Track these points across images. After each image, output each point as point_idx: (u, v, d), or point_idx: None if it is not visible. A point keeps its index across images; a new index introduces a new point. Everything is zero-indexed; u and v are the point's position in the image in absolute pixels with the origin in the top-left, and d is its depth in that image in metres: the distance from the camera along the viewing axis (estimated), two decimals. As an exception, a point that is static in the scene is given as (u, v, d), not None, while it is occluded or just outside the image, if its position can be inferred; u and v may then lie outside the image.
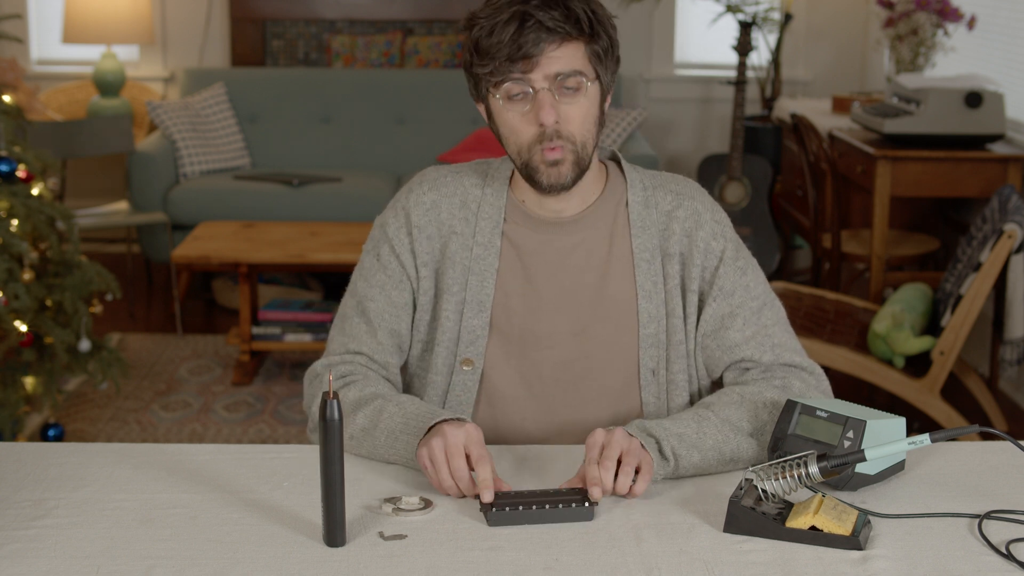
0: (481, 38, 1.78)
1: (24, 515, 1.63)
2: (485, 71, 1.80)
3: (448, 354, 1.93)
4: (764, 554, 1.55)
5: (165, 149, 5.69)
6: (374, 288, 1.94)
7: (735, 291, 1.92)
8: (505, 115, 1.83)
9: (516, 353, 1.93)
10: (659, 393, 1.93)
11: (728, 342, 1.92)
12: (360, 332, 1.94)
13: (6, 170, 3.50)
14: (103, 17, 5.94)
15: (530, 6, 1.75)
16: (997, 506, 1.67)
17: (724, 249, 1.93)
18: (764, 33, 6.01)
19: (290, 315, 4.75)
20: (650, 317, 1.92)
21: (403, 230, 1.94)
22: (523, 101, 1.80)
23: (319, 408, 1.54)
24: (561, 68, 1.78)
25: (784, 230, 5.74)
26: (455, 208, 1.94)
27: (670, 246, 1.93)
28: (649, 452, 1.70)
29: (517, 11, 1.75)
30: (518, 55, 1.76)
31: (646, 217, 1.93)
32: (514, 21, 1.75)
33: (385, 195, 5.58)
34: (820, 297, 4.27)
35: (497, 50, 1.77)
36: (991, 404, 4.06)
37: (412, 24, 6.50)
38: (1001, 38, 4.93)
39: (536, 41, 1.75)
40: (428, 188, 1.95)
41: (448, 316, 1.92)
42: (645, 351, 1.92)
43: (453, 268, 1.92)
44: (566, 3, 1.77)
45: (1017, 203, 3.73)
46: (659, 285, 1.92)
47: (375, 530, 1.60)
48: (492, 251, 1.92)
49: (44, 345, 3.64)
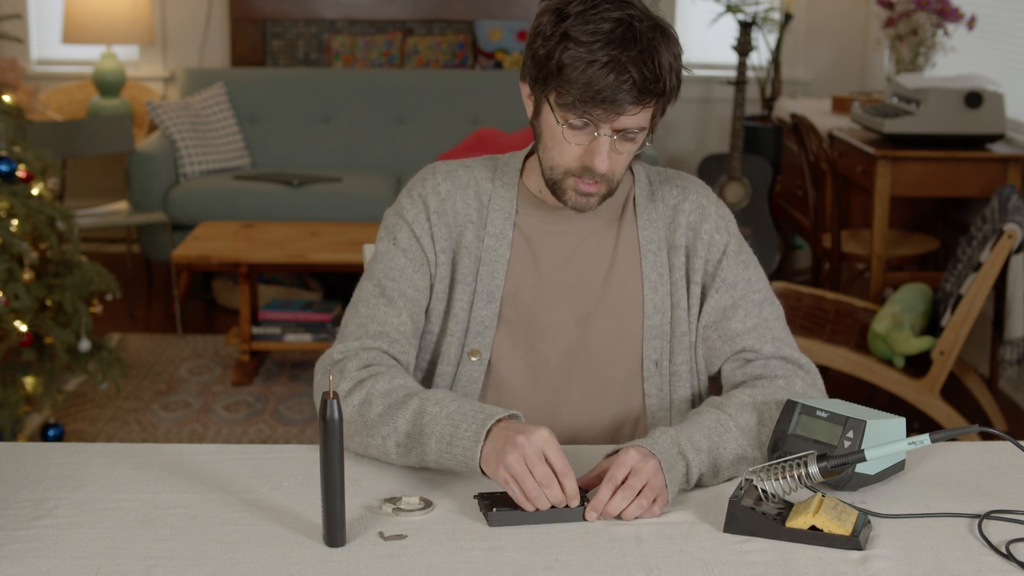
0: (574, 65, 1.74)
1: (24, 515, 1.63)
2: (562, 99, 1.77)
3: (457, 344, 1.93)
4: (764, 554, 1.55)
5: (165, 149, 5.69)
6: (394, 270, 1.91)
7: (737, 283, 1.93)
8: (556, 130, 1.81)
9: (523, 344, 1.93)
10: (662, 385, 1.94)
11: (729, 332, 1.92)
12: (380, 313, 1.88)
13: (6, 170, 3.50)
14: (103, 17, 5.94)
15: (628, 57, 1.73)
16: (997, 506, 1.67)
17: (728, 242, 1.95)
18: (764, 33, 6.01)
19: (290, 315, 4.75)
20: (655, 308, 1.93)
21: (422, 215, 1.93)
22: (582, 133, 1.79)
23: (319, 408, 1.54)
24: (631, 125, 1.78)
25: (784, 230, 5.74)
26: (469, 199, 1.95)
27: (676, 238, 1.95)
28: (669, 489, 1.67)
29: (615, 59, 1.72)
30: (600, 105, 1.74)
31: (652, 210, 1.96)
32: (611, 70, 1.72)
33: (385, 195, 5.58)
34: (820, 297, 4.27)
35: (583, 89, 1.74)
36: (991, 404, 4.06)
37: (412, 24, 6.50)
38: (1001, 38, 4.93)
39: (624, 101, 1.74)
40: (442, 179, 1.95)
41: (460, 306, 1.92)
42: (649, 342, 1.93)
43: (468, 257, 1.93)
44: (658, 60, 1.75)
45: (1017, 203, 3.73)
46: (664, 276, 1.94)
47: (375, 530, 1.60)
48: (504, 242, 1.93)
49: (44, 345, 3.63)
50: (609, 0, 1.77)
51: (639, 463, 1.66)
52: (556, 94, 1.78)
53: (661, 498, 1.66)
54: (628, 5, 1.78)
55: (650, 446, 1.69)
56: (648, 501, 1.64)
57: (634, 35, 1.74)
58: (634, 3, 1.79)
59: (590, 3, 1.77)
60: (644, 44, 1.75)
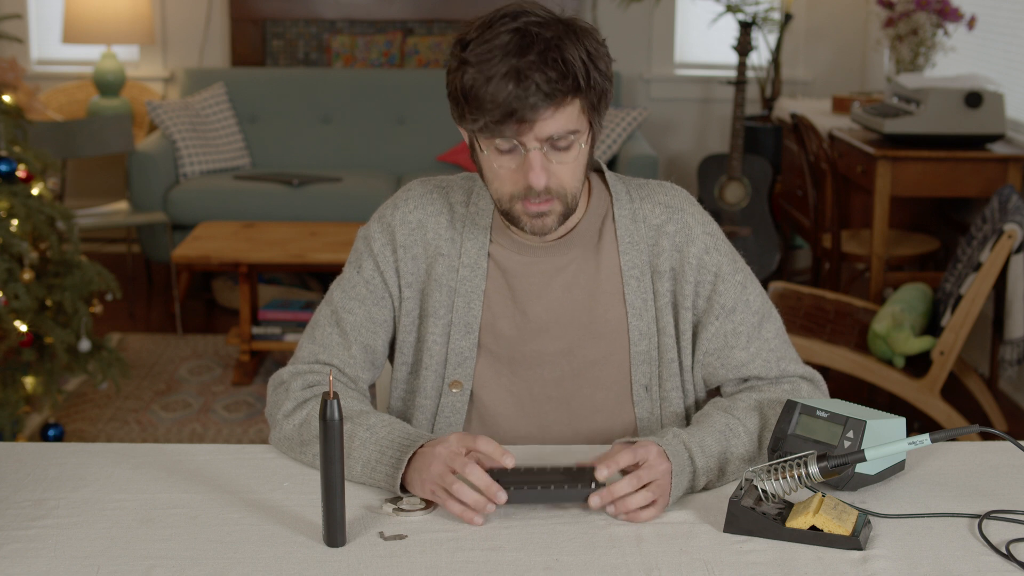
0: (474, 87, 1.68)
1: (24, 515, 1.63)
2: (475, 125, 1.71)
3: (436, 377, 1.90)
4: (764, 554, 1.55)
5: (165, 149, 5.69)
6: (353, 301, 1.90)
7: (736, 308, 1.88)
8: (490, 163, 1.75)
9: (506, 372, 1.90)
10: (652, 408, 1.90)
11: (733, 361, 1.88)
12: (332, 343, 1.89)
13: (6, 170, 3.50)
14: (103, 17, 5.94)
15: (525, 62, 1.66)
16: (997, 506, 1.67)
17: (720, 264, 1.89)
18: (764, 33, 6.01)
19: (290, 315, 4.75)
20: (641, 334, 1.88)
21: (388, 247, 1.90)
22: (512, 155, 1.72)
23: (319, 408, 1.54)
24: (555, 131, 1.70)
25: (784, 230, 5.74)
26: (441, 228, 1.90)
27: (660, 263, 1.89)
28: (672, 493, 1.66)
29: (513, 68, 1.66)
30: (511, 119, 1.67)
31: (634, 232, 1.89)
32: (509, 80, 1.65)
33: (385, 195, 5.57)
34: (820, 297, 4.27)
35: (490, 108, 1.67)
36: (991, 404, 4.06)
37: (412, 24, 6.50)
38: (1001, 38, 4.93)
39: (532, 107, 1.66)
40: (414, 206, 1.91)
41: (435, 339, 1.89)
42: (637, 368, 1.89)
43: (439, 290, 1.88)
44: (563, 56, 1.67)
45: (1017, 203, 3.73)
46: (649, 302, 1.88)
47: (375, 530, 1.60)
48: (479, 272, 1.88)
49: (44, 345, 3.63)
50: (507, 15, 1.71)
51: (654, 461, 1.65)
52: (472, 122, 1.71)
53: (660, 503, 1.65)
54: (526, 14, 1.71)
55: (665, 447, 1.69)
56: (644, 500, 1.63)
57: (531, 40, 1.68)
58: (533, 11, 1.71)
59: (487, 23, 1.72)
60: (543, 46, 1.67)
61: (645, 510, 1.64)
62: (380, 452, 1.72)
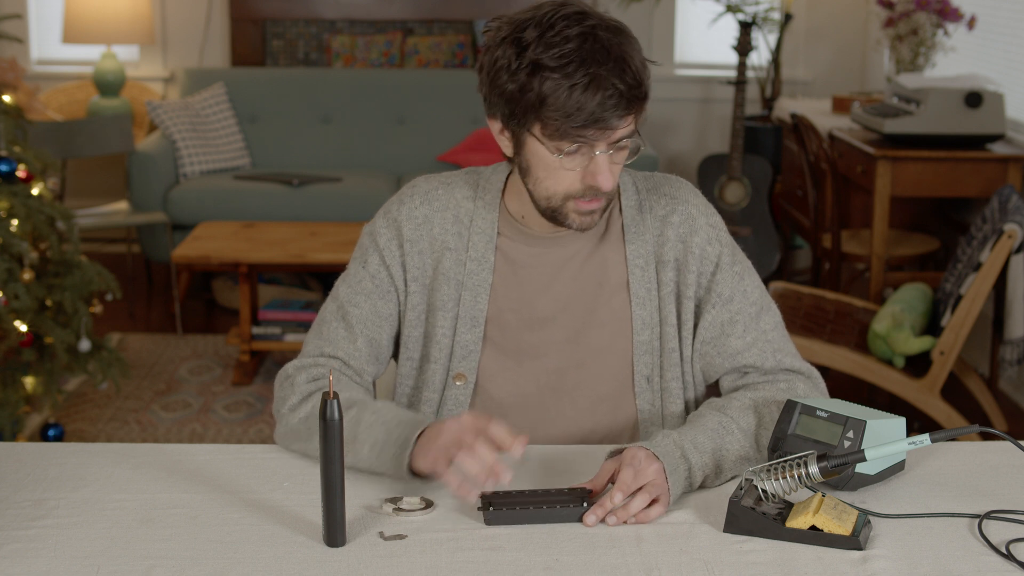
0: (556, 93, 1.69)
1: (24, 515, 1.63)
2: (550, 130, 1.72)
3: (442, 370, 1.91)
4: (764, 554, 1.55)
5: (165, 149, 5.69)
6: (359, 295, 1.91)
7: (733, 297, 1.90)
8: (548, 160, 1.76)
9: (511, 364, 1.91)
10: (654, 400, 1.91)
11: (729, 349, 1.90)
12: (338, 337, 1.90)
13: (6, 170, 3.50)
14: (103, 17, 5.94)
15: (605, 70, 1.68)
16: (997, 506, 1.68)
17: (720, 254, 1.91)
18: (764, 33, 6.01)
19: (290, 315, 4.75)
20: (644, 324, 1.90)
21: (394, 242, 1.91)
22: (577, 157, 1.75)
23: (319, 408, 1.54)
24: (623, 135, 1.74)
25: (784, 230, 5.74)
26: (448, 223, 1.91)
27: (664, 252, 1.91)
28: (671, 490, 1.66)
29: (595, 75, 1.68)
30: (593, 126, 1.70)
31: (640, 223, 1.92)
32: (595, 88, 1.68)
33: (385, 195, 5.57)
34: (820, 297, 4.27)
35: (574, 114, 1.69)
36: (991, 404, 4.06)
37: (412, 24, 6.50)
38: (1001, 38, 4.93)
39: (617, 115, 1.70)
40: (420, 202, 1.92)
41: (443, 332, 1.90)
42: (639, 358, 1.90)
43: (447, 284, 1.90)
44: (632, 64, 1.71)
45: (1017, 203, 3.73)
46: (653, 292, 1.90)
47: (375, 530, 1.60)
48: (486, 266, 1.90)
49: (44, 345, 3.63)
50: (563, 17, 1.71)
51: (644, 464, 1.66)
52: (541, 126, 1.73)
53: (663, 500, 1.65)
54: (584, 16, 1.72)
55: (653, 448, 1.69)
56: (644, 501, 1.63)
57: (602, 46, 1.70)
58: (588, 13, 1.73)
59: (545, 25, 1.71)
60: (616, 52, 1.70)
61: (651, 509, 1.64)
62: (387, 432, 1.73)
